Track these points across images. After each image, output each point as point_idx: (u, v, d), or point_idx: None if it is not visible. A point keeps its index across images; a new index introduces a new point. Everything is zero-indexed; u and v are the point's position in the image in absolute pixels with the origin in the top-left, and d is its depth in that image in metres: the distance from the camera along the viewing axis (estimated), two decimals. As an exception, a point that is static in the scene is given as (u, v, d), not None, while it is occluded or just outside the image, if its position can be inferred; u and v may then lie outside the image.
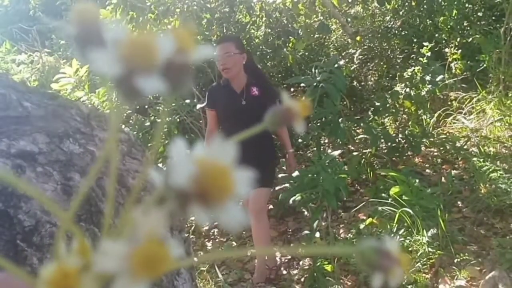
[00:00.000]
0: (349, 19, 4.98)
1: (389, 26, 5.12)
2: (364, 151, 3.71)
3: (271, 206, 3.51)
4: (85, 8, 0.24)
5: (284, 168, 3.21)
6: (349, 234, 3.00)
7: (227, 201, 0.22)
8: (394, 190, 2.76)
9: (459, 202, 3.14)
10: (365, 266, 0.26)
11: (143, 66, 0.23)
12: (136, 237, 0.22)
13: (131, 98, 0.23)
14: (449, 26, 4.77)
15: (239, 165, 0.24)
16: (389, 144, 3.58)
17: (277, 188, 3.10)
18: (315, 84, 2.93)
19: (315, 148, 3.65)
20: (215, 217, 0.22)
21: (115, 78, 0.23)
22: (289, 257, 3.02)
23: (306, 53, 5.12)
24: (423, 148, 3.72)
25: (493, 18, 4.81)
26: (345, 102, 4.13)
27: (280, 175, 3.16)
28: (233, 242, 3.27)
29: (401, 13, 5.03)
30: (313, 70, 3.09)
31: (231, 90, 2.62)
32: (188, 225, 3.12)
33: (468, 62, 4.49)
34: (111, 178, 0.28)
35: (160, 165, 3.14)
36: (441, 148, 3.84)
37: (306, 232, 3.11)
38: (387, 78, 4.91)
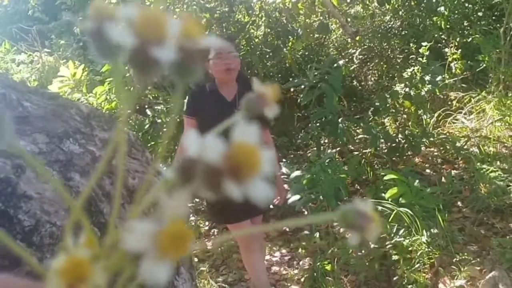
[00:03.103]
0: (349, 19, 4.98)
1: (389, 26, 5.12)
2: (364, 151, 3.71)
3: (271, 206, 3.51)
4: (101, 5, 0.26)
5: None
6: (349, 234, 2.99)
7: (256, 177, 0.24)
8: (391, 192, 2.75)
9: (459, 202, 3.14)
10: (345, 226, 0.29)
11: (157, 37, 0.24)
12: (161, 217, 0.23)
13: (147, 70, 0.25)
14: (448, 26, 4.77)
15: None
16: (389, 144, 3.58)
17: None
18: (311, 85, 2.93)
19: (315, 148, 3.65)
20: (245, 191, 0.24)
21: (131, 50, 0.24)
22: (289, 257, 3.02)
23: (306, 53, 5.12)
24: (423, 148, 3.72)
25: (493, 18, 4.81)
26: (343, 103, 4.13)
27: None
28: (233, 242, 3.27)
29: (400, 13, 5.03)
30: (309, 71, 3.09)
31: (221, 97, 2.27)
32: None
33: (468, 62, 4.50)
34: (118, 179, 0.29)
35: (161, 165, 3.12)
36: (441, 148, 3.84)
37: (306, 232, 3.11)
38: (387, 78, 4.91)
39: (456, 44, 4.47)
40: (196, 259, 3.03)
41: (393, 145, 3.57)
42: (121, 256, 0.25)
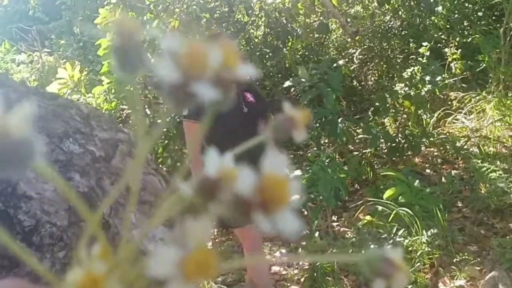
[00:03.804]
0: (349, 19, 4.98)
1: (389, 26, 5.11)
2: (364, 151, 3.71)
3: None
4: (125, 20, 0.25)
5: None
6: (349, 234, 3.00)
7: (285, 209, 0.24)
8: (389, 193, 2.75)
9: (459, 202, 3.14)
10: (370, 273, 0.27)
11: (200, 72, 0.24)
12: (186, 244, 0.23)
13: (183, 104, 0.24)
14: (447, 26, 4.77)
15: None
16: (389, 144, 3.58)
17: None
18: (309, 85, 2.92)
19: (315, 148, 3.64)
20: (273, 223, 0.24)
21: (172, 84, 0.24)
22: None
23: (306, 53, 5.12)
24: (423, 148, 3.72)
25: (493, 18, 4.81)
26: (342, 103, 4.12)
27: None
28: (233, 242, 3.28)
29: (400, 13, 5.03)
30: (307, 71, 3.08)
31: None
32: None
33: (468, 62, 4.49)
34: (131, 204, 0.29)
35: (160, 166, 3.11)
36: (441, 148, 3.84)
37: (306, 232, 3.11)
38: (387, 78, 4.91)
39: (456, 44, 4.47)
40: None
41: (393, 145, 3.57)
42: (136, 271, 0.25)
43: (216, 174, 0.25)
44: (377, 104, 3.70)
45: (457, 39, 4.53)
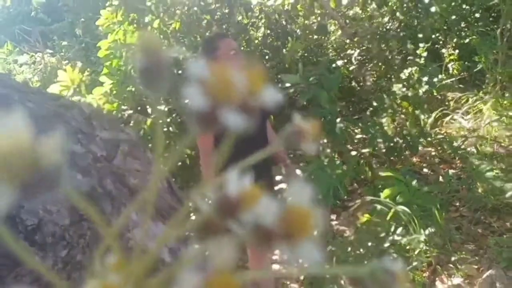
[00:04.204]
0: (347, 21, 5.00)
1: (387, 27, 5.13)
2: (362, 151, 3.73)
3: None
4: (148, 38, 0.25)
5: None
6: (347, 232, 3.02)
7: (306, 240, 0.24)
8: (386, 192, 2.77)
9: (456, 201, 3.16)
10: (373, 285, 0.28)
11: (228, 100, 0.24)
12: (208, 267, 0.24)
13: (209, 129, 0.25)
14: (444, 27, 4.79)
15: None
16: (387, 144, 3.60)
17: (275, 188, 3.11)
18: (307, 86, 2.95)
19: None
20: (295, 254, 0.24)
21: (199, 111, 0.24)
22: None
23: (305, 54, 5.14)
24: (420, 148, 3.74)
25: (490, 19, 4.83)
26: (341, 103, 4.14)
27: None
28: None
29: (397, 14, 5.04)
30: (302, 72, 3.10)
31: None
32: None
33: (465, 63, 4.51)
34: (147, 214, 0.30)
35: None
36: (439, 148, 3.86)
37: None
38: (385, 79, 4.93)
39: (454, 45, 4.49)
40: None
41: (391, 145, 3.59)
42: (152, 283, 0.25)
43: (236, 194, 0.25)
44: (375, 104, 3.72)
45: (455, 40, 4.54)
